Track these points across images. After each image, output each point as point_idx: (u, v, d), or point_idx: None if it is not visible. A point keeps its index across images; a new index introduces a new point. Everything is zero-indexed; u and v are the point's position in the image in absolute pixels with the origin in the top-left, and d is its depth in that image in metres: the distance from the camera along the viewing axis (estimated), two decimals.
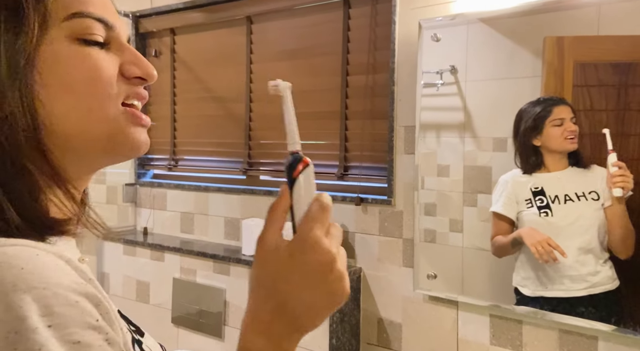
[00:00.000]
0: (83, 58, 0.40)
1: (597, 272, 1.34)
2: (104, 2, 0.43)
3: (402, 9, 1.63)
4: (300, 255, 0.42)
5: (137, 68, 0.44)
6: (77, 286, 0.33)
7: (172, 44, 2.30)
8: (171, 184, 2.25)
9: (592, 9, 1.32)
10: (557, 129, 1.37)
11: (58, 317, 0.31)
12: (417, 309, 1.64)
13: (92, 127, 0.40)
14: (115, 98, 0.42)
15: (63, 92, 0.39)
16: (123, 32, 0.45)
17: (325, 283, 0.42)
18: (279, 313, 0.42)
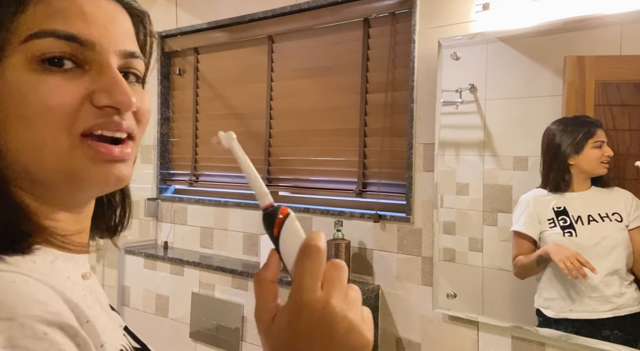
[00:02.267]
0: (36, 86, 0.35)
1: (622, 294, 1.31)
2: (84, 11, 0.37)
3: (421, 28, 1.65)
4: (296, 321, 0.37)
5: (108, 96, 0.37)
6: (50, 316, 0.31)
7: (195, 62, 2.37)
8: (192, 199, 2.29)
9: (614, 29, 1.32)
10: (596, 151, 1.35)
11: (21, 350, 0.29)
12: (437, 329, 1.62)
13: (47, 161, 0.37)
14: (72, 131, 0.37)
15: (17, 123, 0.36)
16: (111, 51, 0.38)
17: (334, 339, 0.36)
18: None
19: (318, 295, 0.37)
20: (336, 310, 0.37)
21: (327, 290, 0.37)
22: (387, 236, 1.72)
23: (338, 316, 0.37)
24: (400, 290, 1.69)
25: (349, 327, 0.37)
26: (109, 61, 0.38)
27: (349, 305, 0.38)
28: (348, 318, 0.37)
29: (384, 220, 1.72)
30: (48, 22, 0.36)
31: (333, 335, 0.37)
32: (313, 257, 0.38)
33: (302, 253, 0.38)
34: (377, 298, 1.72)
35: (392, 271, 1.71)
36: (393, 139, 1.77)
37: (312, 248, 0.38)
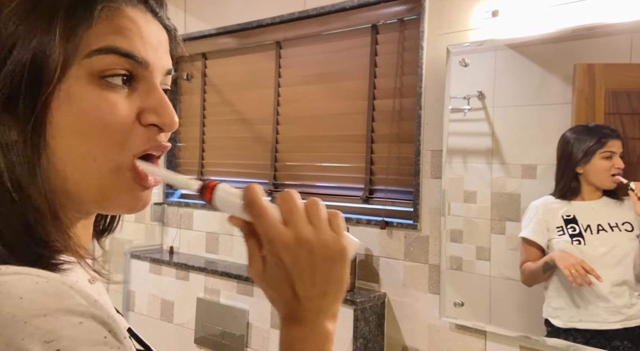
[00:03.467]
0: (97, 102, 0.37)
1: (632, 304, 1.29)
2: (147, 35, 0.40)
3: (429, 34, 1.64)
4: (281, 262, 0.41)
5: (156, 117, 0.40)
6: (80, 308, 0.32)
7: (203, 68, 2.38)
8: (198, 204, 2.29)
9: (624, 37, 1.31)
10: (605, 162, 1.33)
11: (64, 339, 0.30)
12: (444, 338, 1.60)
13: (88, 176, 0.38)
14: (125, 151, 0.39)
15: (70, 134, 0.37)
16: (160, 69, 0.41)
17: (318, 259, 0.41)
18: (295, 301, 0.42)
19: (286, 234, 0.41)
20: (309, 240, 0.41)
21: (289, 223, 0.41)
22: (394, 243, 1.71)
23: (312, 242, 0.41)
24: (406, 298, 1.68)
25: (324, 244, 0.41)
26: (156, 81, 0.41)
27: (316, 225, 0.42)
28: (322, 238, 0.41)
29: (390, 227, 1.71)
30: (112, 39, 0.38)
31: (316, 261, 0.41)
32: (256, 204, 0.41)
33: (247, 210, 0.41)
34: (383, 306, 1.70)
35: (399, 278, 1.70)
36: (400, 146, 1.76)
37: (248, 199, 0.41)
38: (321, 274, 0.42)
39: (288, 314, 0.43)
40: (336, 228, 0.43)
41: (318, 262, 0.41)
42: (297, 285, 0.42)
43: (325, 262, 0.42)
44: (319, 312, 0.43)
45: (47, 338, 0.29)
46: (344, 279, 0.43)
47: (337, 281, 0.43)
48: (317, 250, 0.41)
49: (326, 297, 0.43)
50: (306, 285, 0.42)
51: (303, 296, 0.42)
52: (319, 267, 0.42)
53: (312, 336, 0.42)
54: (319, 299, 0.42)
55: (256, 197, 0.42)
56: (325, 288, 0.42)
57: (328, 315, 0.43)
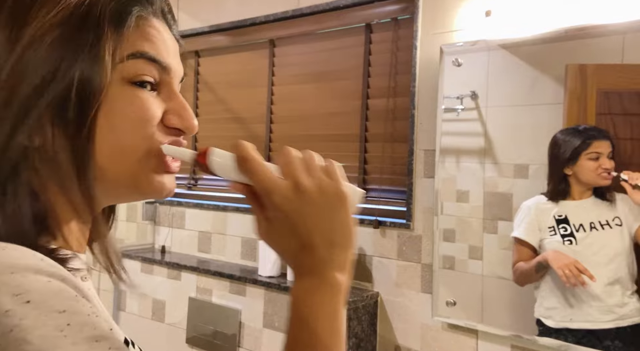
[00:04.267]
0: (132, 99, 0.40)
1: (624, 304, 1.30)
2: (166, 43, 0.43)
3: (423, 34, 1.65)
4: (284, 216, 0.41)
5: (179, 119, 0.43)
6: (50, 269, 0.32)
7: (196, 66, 2.36)
8: (190, 203, 2.28)
9: (616, 38, 1.32)
10: (591, 163, 1.34)
11: (34, 293, 0.30)
12: (436, 337, 1.60)
13: (120, 166, 0.41)
14: (152, 142, 0.42)
15: (107, 130, 0.39)
16: (178, 75, 0.44)
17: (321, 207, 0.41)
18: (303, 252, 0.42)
19: (283, 185, 0.41)
20: (307, 187, 0.41)
21: (288, 175, 0.41)
22: (387, 242, 1.71)
23: (310, 189, 0.41)
24: (399, 298, 1.68)
25: (323, 191, 0.41)
26: (176, 87, 0.44)
27: (312, 174, 0.41)
28: (320, 185, 0.41)
29: (383, 226, 1.71)
30: (141, 45, 0.40)
31: (317, 209, 0.41)
32: (249, 159, 0.41)
33: (240, 167, 0.41)
34: (376, 305, 1.70)
35: (392, 278, 1.70)
36: (394, 145, 1.76)
37: (240, 156, 0.41)
38: (325, 222, 0.41)
39: (297, 267, 0.43)
40: (333, 176, 0.42)
41: (319, 209, 0.41)
42: (302, 236, 0.41)
43: (327, 209, 0.41)
44: (327, 262, 0.41)
45: (16, 291, 0.30)
46: (349, 227, 0.43)
47: (343, 230, 0.42)
48: (317, 197, 0.41)
49: (334, 247, 0.42)
50: (311, 235, 0.41)
51: (309, 246, 0.41)
52: (321, 215, 0.41)
53: (322, 287, 0.41)
54: (326, 249, 0.41)
55: (247, 153, 0.42)
56: (331, 236, 0.41)
57: (337, 265, 0.42)
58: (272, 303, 1.83)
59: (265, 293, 1.85)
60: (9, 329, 0.28)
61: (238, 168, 0.42)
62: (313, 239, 0.41)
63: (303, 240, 0.41)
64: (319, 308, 0.41)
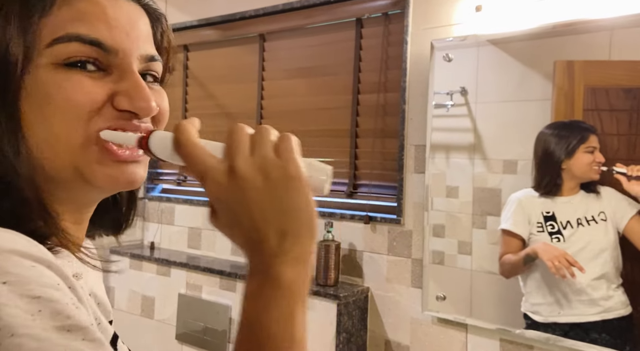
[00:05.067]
0: (60, 83, 0.36)
1: (609, 297, 1.32)
2: (115, 19, 0.38)
3: (414, 29, 1.65)
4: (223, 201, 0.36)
5: (128, 100, 0.38)
6: (37, 253, 0.31)
7: (185, 60, 2.34)
8: (180, 199, 2.26)
9: (604, 34, 1.33)
10: (588, 156, 1.36)
11: (13, 275, 0.29)
12: (426, 331, 1.61)
13: (60, 158, 0.37)
14: (89, 128, 0.37)
15: (37, 121, 0.37)
16: (134, 56, 0.39)
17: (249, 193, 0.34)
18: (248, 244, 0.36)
19: (217, 168, 0.35)
20: (242, 169, 0.35)
21: (227, 157, 0.35)
22: (378, 238, 1.71)
23: (247, 171, 0.35)
24: (390, 292, 1.69)
25: (265, 173, 0.35)
26: (132, 66, 0.39)
27: (257, 152, 0.35)
28: (260, 164, 0.35)
29: (374, 221, 1.72)
30: (73, 26, 0.36)
31: (258, 189, 0.34)
32: (183, 144, 0.36)
33: (177, 151, 0.36)
34: (366, 300, 1.71)
35: (382, 273, 1.70)
36: (384, 140, 1.76)
37: (175, 136, 0.36)
38: (270, 209, 0.34)
39: (248, 263, 0.36)
40: (283, 154, 0.36)
41: (262, 194, 0.34)
42: (244, 226, 0.35)
43: (272, 193, 0.34)
44: (276, 256, 0.35)
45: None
46: (305, 212, 0.35)
47: (296, 215, 0.35)
48: (258, 181, 0.34)
49: (286, 237, 0.35)
50: (256, 225, 0.35)
51: (256, 239, 0.35)
52: (265, 201, 0.34)
53: (268, 288, 0.35)
54: (275, 240, 0.35)
55: (182, 134, 0.36)
56: (281, 225, 0.35)
57: (290, 258, 0.35)
58: None
59: None
60: None
61: (174, 151, 0.37)
62: (259, 230, 0.35)
63: (247, 231, 0.35)
64: (265, 313, 0.34)
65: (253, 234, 0.35)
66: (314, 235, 0.36)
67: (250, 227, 0.35)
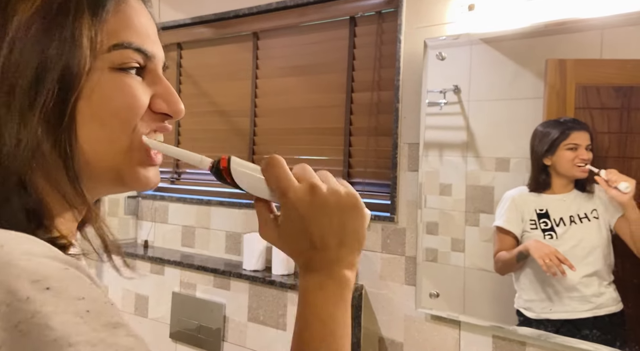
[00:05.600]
0: (120, 86, 0.40)
1: (601, 293, 1.33)
2: (147, 28, 0.43)
3: (407, 27, 1.65)
4: (298, 215, 0.43)
5: (166, 104, 0.44)
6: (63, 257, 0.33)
7: (178, 58, 2.33)
8: (173, 197, 2.25)
9: (595, 33, 1.34)
10: (569, 153, 1.37)
11: (53, 280, 0.30)
12: (419, 328, 1.62)
13: (106, 157, 0.40)
14: (138, 132, 0.42)
15: (92, 120, 0.39)
16: (160, 61, 0.44)
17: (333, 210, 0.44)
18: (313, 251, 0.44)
19: (299, 186, 0.44)
20: (321, 189, 0.44)
21: (304, 180, 0.44)
22: (372, 235, 1.72)
23: (324, 192, 0.44)
24: (383, 290, 1.69)
25: (338, 195, 0.44)
26: (160, 71, 0.44)
27: (327, 182, 0.45)
28: (334, 189, 0.44)
29: None
30: (125, 34, 0.40)
31: (330, 210, 0.43)
32: (275, 165, 0.44)
33: (265, 170, 0.44)
34: (360, 297, 1.72)
35: (376, 271, 1.71)
36: (378, 139, 1.77)
37: (269, 161, 0.45)
38: (336, 223, 0.44)
39: (306, 264, 0.45)
40: (348, 186, 0.46)
41: (332, 211, 0.44)
42: (313, 235, 0.44)
43: (340, 211, 0.44)
44: (336, 261, 0.44)
45: (34, 277, 0.29)
46: (360, 231, 0.45)
47: (353, 232, 0.45)
48: (331, 200, 0.44)
49: (343, 247, 0.44)
50: (323, 234, 0.43)
51: (320, 246, 0.44)
52: (333, 216, 0.44)
53: (330, 283, 0.44)
54: (335, 248, 0.44)
55: (276, 160, 0.45)
56: (342, 237, 0.44)
57: (345, 264, 0.45)
58: (256, 297, 1.83)
59: (250, 287, 1.85)
60: (30, 315, 0.28)
61: (263, 169, 0.44)
62: (324, 239, 0.44)
63: (314, 239, 0.44)
64: (329, 301, 0.44)
65: (318, 242, 0.44)
66: (361, 249, 0.47)
67: (317, 236, 0.44)
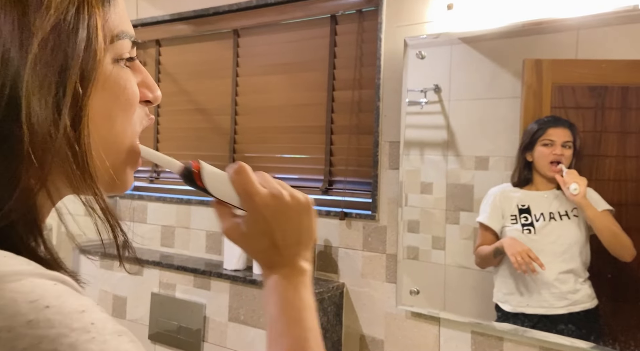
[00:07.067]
0: (125, 80, 0.38)
1: (576, 290, 1.36)
2: (127, 16, 0.41)
3: (387, 26, 1.66)
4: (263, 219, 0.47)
5: (150, 91, 0.42)
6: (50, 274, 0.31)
7: (157, 55, 2.29)
8: (152, 197, 2.21)
9: (571, 33, 1.37)
10: (544, 149, 1.40)
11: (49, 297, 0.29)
12: (400, 325, 1.63)
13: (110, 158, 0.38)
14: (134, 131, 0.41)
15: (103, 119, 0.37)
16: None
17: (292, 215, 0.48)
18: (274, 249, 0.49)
19: (264, 192, 0.47)
20: (284, 195, 0.48)
21: (267, 187, 0.48)
22: (353, 234, 1.72)
23: (286, 198, 0.48)
24: (364, 288, 1.70)
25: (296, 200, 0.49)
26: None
27: (287, 190, 0.49)
28: (293, 195, 0.49)
29: (349, 217, 1.72)
30: (122, 24, 0.39)
31: (290, 213, 0.48)
32: (243, 172, 0.47)
33: (234, 177, 0.47)
34: (341, 296, 1.72)
35: (357, 268, 1.71)
36: (359, 137, 1.77)
37: (238, 168, 0.47)
38: (295, 225, 0.49)
39: (268, 262, 0.50)
40: (295, 191, 0.50)
41: (293, 214, 0.48)
42: (275, 235, 0.48)
43: (298, 214, 0.49)
44: (295, 256, 0.49)
45: (31, 298, 0.28)
46: (313, 229, 0.51)
47: (308, 231, 0.50)
48: (292, 204, 0.48)
49: (300, 245, 0.50)
50: (284, 235, 0.48)
51: (281, 245, 0.48)
52: (293, 219, 0.48)
53: (293, 273, 0.49)
54: (295, 246, 0.49)
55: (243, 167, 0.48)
56: (298, 237, 0.49)
57: (302, 257, 0.50)
58: (237, 297, 1.82)
59: (231, 286, 1.84)
60: (38, 341, 0.27)
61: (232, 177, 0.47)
62: (285, 239, 0.48)
63: (276, 239, 0.48)
64: (297, 287, 0.49)
65: (280, 241, 0.48)
66: (314, 246, 0.50)
67: (279, 235, 0.48)
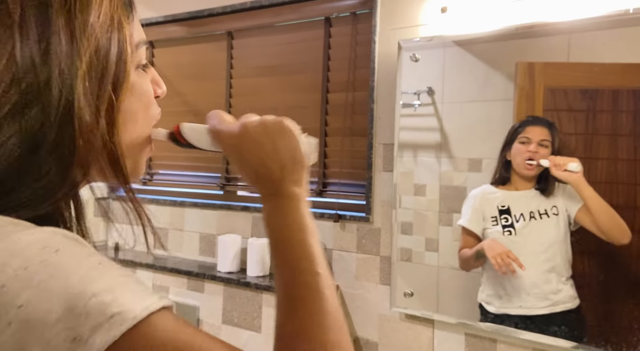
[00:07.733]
0: (145, 85, 0.44)
1: (558, 290, 1.37)
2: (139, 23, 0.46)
3: (382, 29, 1.66)
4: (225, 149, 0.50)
5: (159, 88, 0.47)
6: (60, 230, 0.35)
7: (150, 56, 2.28)
8: (145, 199, 2.20)
9: (563, 37, 1.38)
10: (520, 146, 1.41)
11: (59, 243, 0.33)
12: (394, 328, 1.64)
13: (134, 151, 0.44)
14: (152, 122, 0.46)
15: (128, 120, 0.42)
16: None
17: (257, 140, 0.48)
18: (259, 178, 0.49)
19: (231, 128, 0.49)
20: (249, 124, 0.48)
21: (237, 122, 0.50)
22: (347, 236, 1.72)
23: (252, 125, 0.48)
24: (359, 290, 1.70)
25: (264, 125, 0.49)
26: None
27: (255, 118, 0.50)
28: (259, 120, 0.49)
29: (343, 219, 1.73)
30: (140, 34, 0.44)
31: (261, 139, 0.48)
32: (211, 116, 0.50)
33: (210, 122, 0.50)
34: None
35: (351, 271, 1.71)
36: (353, 139, 1.77)
37: (212, 114, 0.50)
38: (270, 149, 0.47)
39: (260, 191, 0.50)
40: (278, 117, 0.50)
41: (263, 139, 0.47)
42: (254, 165, 0.48)
43: (269, 138, 0.48)
44: (282, 181, 0.48)
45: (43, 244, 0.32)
46: (294, 149, 0.49)
47: (288, 151, 0.48)
48: (259, 130, 0.48)
49: (284, 168, 0.48)
50: (263, 162, 0.48)
51: (263, 172, 0.48)
52: (266, 144, 0.47)
53: (281, 200, 0.48)
54: (278, 171, 0.48)
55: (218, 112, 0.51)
56: (280, 159, 0.48)
57: (290, 181, 0.48)
58: (231, 299, 1.81)
59: (225, 289, 1.83)
60: (49, 276, 0.30)
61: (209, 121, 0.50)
62: (266, 165, 0.48)
63: (257, 169, 0.48)
64: (287, 217, 0.47)
65: (260, 169, 0.48)
66: (304, 165, 0.49)
67: (258, 164, 0.48)
